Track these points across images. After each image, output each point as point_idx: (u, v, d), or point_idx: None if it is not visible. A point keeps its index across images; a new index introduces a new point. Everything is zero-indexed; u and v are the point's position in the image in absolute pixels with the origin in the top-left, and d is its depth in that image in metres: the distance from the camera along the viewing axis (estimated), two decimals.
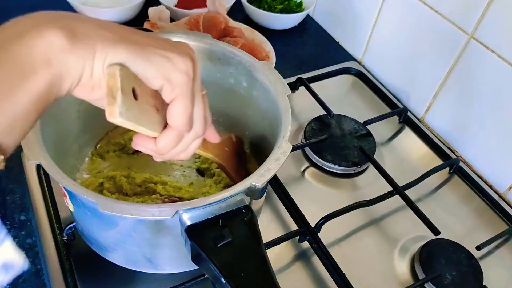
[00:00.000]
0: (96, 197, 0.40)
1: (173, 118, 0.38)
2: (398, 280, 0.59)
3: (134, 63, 0.34)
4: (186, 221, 0.41)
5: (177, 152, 0.41)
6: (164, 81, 0.36)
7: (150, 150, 0.40)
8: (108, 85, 0.33)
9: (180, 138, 0.40)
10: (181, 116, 0.38)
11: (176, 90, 0.36)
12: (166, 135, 0.39)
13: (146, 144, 0.40)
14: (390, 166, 0.70)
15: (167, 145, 0.39)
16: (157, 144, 0.39)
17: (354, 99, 0.86)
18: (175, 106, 0.37)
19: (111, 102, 0.33)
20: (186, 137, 0.40)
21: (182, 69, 0.36)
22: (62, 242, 0.56)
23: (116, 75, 0.33)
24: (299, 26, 1.01)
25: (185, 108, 0.37)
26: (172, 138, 0.39)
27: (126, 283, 0.54)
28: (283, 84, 0.54)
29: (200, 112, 0.40)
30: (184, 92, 0.37)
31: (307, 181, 0.70)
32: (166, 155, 0.41)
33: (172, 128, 0.39)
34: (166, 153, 0.41)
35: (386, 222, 0.65)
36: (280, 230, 0.62)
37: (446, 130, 0.79)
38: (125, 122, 0.35)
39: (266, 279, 0.40)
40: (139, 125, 0.37)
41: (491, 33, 0.67)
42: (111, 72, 0.33)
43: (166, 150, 0.40)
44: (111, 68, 0.33)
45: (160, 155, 0.41)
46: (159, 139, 0.39)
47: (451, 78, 0.75)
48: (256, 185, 0.43)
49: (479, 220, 0.68)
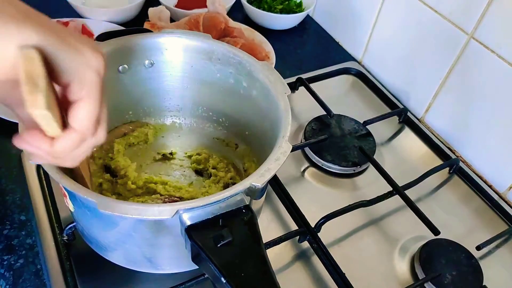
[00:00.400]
0: (96, 197, 0.40)
1: (78, 120, 0.34)
2: (398, 280, 0.59)
3: (49, 48, 0.30)
4: (186, 221, 0.41)
5: (70, 157, 0.37)
6: (75, 78, 0.32)
7: (41, 151, 0.35)
8: (26, 71, 0.29)
9: (80, 142, 0.35)
10: (87, 118, 0.34)
11: (85, 89, 0.33)
12: (68, 137, 0.34)
13: (39, 144, 0.34)
14: (390, 166, 0.70)
15: (66, 149, 0.35)
16: (55, 145, 0.34)
17: (354, 99, 0.86)
18: (82, 107, 0.33)
19: (33, 90, 0.29)
20: (88, 141, 0.36)
21: (94, 66, 0.33)
22: (62, 242, 0.56)
23: (34, 59, 0.29)
24: (299, 26, 1.01)
25: (92, 111, 0.34)
26: (74, 141, 0.34)
27: (126, 283, 0.54)
28: (283, 84, 0.55)
29: (105, 116, 0.37)
30: (93, 92, 0.33)
31: (307, 181, 0.70)
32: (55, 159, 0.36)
33: (75, 131, 0.34)
34: (61, 157, 0.36)
35: (386, 222, 0.65)
36: (280, 230, 0.62)
37: (446, 130, 0.79)
38: (46, 115, 0.30)
39: (266, 279, 0.40)
40: (54, 120, 0.32)
41: (491, 33, 0.67)
42: (28, 55, 0.29)
43: (63, 153, 0.35)
44: (26, 52, 0.29)
45: (52, 158, 0.36)
46: (58, 141, 0.34)
47: (451, 78, 0.75)
48: (256, 185, 0.43)
49: (479, 220, 0.68)
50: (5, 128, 0.67)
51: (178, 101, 0.66)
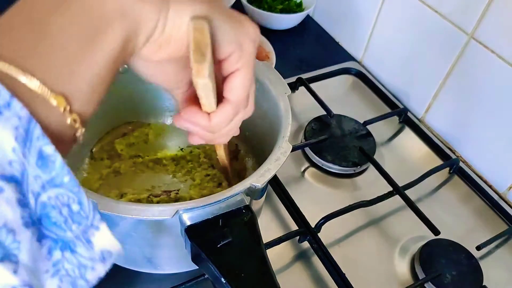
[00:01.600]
0: (96, 197, 0.40)
1: (235, 90, 0.34)
2: (398, 280, 0.59)
3: (215, 20, 0.31)
4: (186, 221, 0.41)
5: (225, 132, 0.38)
6: (237, 48, 0.32)
7: (200, 127, 0.36)
8: (195, 40, 0.29)
9: (235, 115, 0.36)
10: (243, 89, 0.34)
11: (243, 59, 0.33)
12: (224, 109, 0.35)
13: (198, 120, 0.35)
14: (390, 166, 0.70)
15: (222, 122, 0.36)
16: (212, 119, 0.35)
17: (354, 99, 0.86)
18: (238, 77, 0.34)
19: (200, 59, 0.30)
20: (240, 114, 0.37)
21: (251, 36, 0.33)
22: None
23: (204, 30, 0.30)
24: (299, 26, 1.01)
25: (248, 80, 0.34)
26: (230, 113, 0.35)
27: (126, 283, 0.54)
28: (283, 84, 0.54)
29: (253, 89, 0.37)
30: (249, 62, 0.34)
31: (307, 181, 0.70)
32: (213, 134, 0.37)
33: (231, 102, 0.35)
34: (217, 131, 0.37)
35: (386, 222, 0.65)
36: (280, 230, 0.62)
37: (446, 130, 0.79)
38: (208, 85, 0.32)
39: (266, 279, 0.40)
40: (213, 92, 0.33)
41: (491, 33, 0.67)
42: (198, 26, 0.29)
43: (220, 127, 0.36)
44: (197, 22, 0.30)
45: (210, 133, 0.37)
46: (215, 115, 0.35)
47: (451, 78, 0.75)
48: (256, 185, 0.43)
49: (479, 220, 0.68)
50: None
51: None
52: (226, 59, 0.33)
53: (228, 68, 0.34)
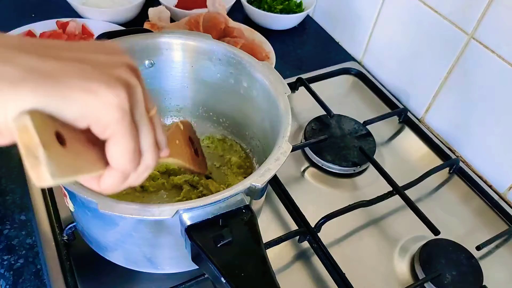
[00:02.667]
0: (96, 197, 0.40)
1: (113, 159, 0.31)
2: (398, 280, 0.59)
3: (46, 106, 0.27)
4: (186, 221, 0.41)
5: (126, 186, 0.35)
6: (91, 121, 0.29)
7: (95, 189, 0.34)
8: (23, 143, 0.26)
9: (124, 177, 0.33)
10: (121, 156, 0.31)
11: (109, 130, 0.29)
12: (110, 175, 0.32)
13: (90, 185, 0.33)
14: (390, 166, 0.70)
15: (112, 186, 0.33)
16: (101, 185, 0.33)
17: (354, 99, 0.86)
18: (112, 146, 0.30)
19: (34, 163, 0.26)
20: (135, 173, 0.34)
21: (112, 103, 0.29)
22: (62, 242, 0.56)
23: (29, 128, 0.26)
24: (299, 26, 1.01)
25: (125, 146, 0.31)
26: (116, 179, 0.33)
27: (126, 283, 0.54)
28: (283, 84, 0.55)
29: (149, 142, 0.33)
30: (119, 129, 0.30)
31: (307, 181, 0.70)
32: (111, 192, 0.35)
33: (114, 169, 0.32)
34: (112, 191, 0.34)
35: (386, 222, 0.65)
36: (280, 230, 0.62)
37: (446, 130, 0.79)
38: (61, 180, 0.27)
39: (266, 279, 0.40)
40: (78, 174, 0.29)
41: (491, 33, 0.67)
42: (21, 125, 0.26)
43: (111, 190, 0.34)
44: (19, 121, 0.26)
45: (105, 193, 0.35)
46: (102, 181, 0.33)
47: (451, 78, 0.75)
48: (256, 185, 0.43)
49: (479, 220, 0.68)
50: None
51: (178, 101, 0.66)
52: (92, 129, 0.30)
53: (100, 134, 0.30)
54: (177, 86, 0.64)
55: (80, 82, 0.28)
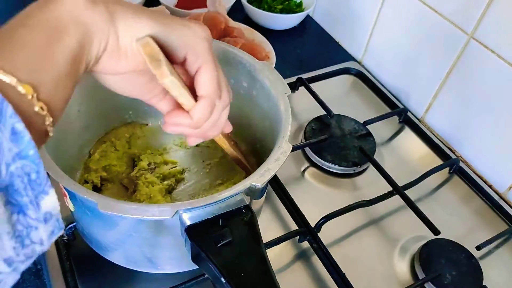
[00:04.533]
0: (96, 197, 0.40)
1: (204, 85, 0.38)
2: (398, 280, 0.59)
3: (160, 33, 0.35)
4: (186, 221, 0.41)
5: (210, 124, 0.41)
6: (189, 49, 0.36)
7: (186, 126, 0.40)
8: (146, 54, 0.34)
9: (212, 107, 0.39)
10: (210, 82, 0.38)
11: (201, 58, 0.37)
12: (200, 105, 0.38)
13: (181, 120, 0.39)
14: (390, 166, 0.70)
15: (203, 116, 0.39)
16: (193, 116, 0.39)
17: (354, 99, 0.86)
18: (203, 73, 0.37)
19: (157, 65, 0.34)
20: (217, 105, 0.40)
21: (202, 35, 0.37)
22: (62, 242, 0.56)
23: (149, 43, 0.34)
24: (299, 26, 1.01)
25: (212, 73, 0.38)
26: (207, 107, 0.39)
27: (126, 283, 0.54)
28: (283, 84, 0.55)
29: (223, 78, 0.40)
30: (208, 58, 0.37)
31: (307, 181, 0.70)
32: (201, 130, 0.41)
33: (204, 97, 0.38)
34: (201, 126, 0.40)
35: (386, 222, 0.65)
36: (280, 230, 0.62)
37: (446, 130, 0.79)
38: (174, 82, 0.35)
39: (266, 279, 0.40)
40: (184, 89, 0.37)
41: (491, 33, 0.67)
42: (144, 42, 0.34)
43: (202, 121, 0.39)
44: (141, 41, 0.34)
45: (196, 130, 0.40)
46: (194, 111, 0.39)
47: (451, 78, 0.75)
48: (256, 185, 0.43)
49: (479, 220, 0.68)
50: None
51: None
52: (185, 62, 0.37)
53: (190, 69, 0.38)
54: None
55: (180, 21, 0.37)
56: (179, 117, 0.39)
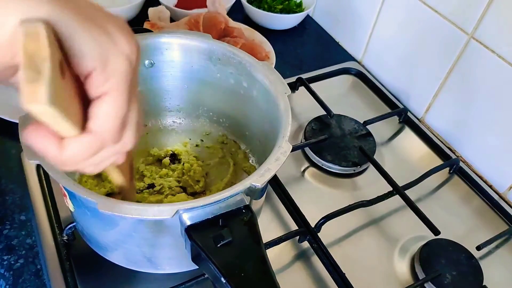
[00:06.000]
0: (96, 197, 0.40)
1: (99, 120, 0.27)
2: (398, 280, 0.59)
3: (65, 25, 0.24)
4: (186, 221, 0.41)
5: (88, 164, 0.30)
6: (98, 64, 0.26)
7: (49, 155, 0.27)
8: (27, 52, 0.22)
9: (98, 149, 0.28)
10: (108, 119, 0.27)
11: (111, 81, 0.27)
12: (82, 141, 0.27)
13: (45, 146, 0.27)
14: (390, 166, 0.70)
15: (77, 156, 0.27)
16: (63, 150, 0.27)
17: (354, 99, 0.86)
18: (105, 103, 0.27)
19: (34, 78, 0.22)
20: (109, 148, 0.29)
21: (124, 52, 0.27)
22: (62, 242, 0.56)
23: (40, 37, 0.22)
24: (299, 26, 1.01)
25: (118, 108, 0.27)
26: (88, 147, 0.27)
27: (126, 283, 0.54)
28: (283, 84, 0.54)
29: (134, 118, 0.30)
30: (120, 85, 0.27)
31: (307, 181, 0.70)
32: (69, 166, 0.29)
33: (92, 134, 0.27)
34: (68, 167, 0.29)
35: (386, 222, 0.65)
36: (280, 230, 0.62)
37: (446, 130, 0.79)
38: (50, 112, 0.23)
39: (266, 279, 0.40)
40: (64, 119, 0.25)
41: (491, 33, 0.67)
42: (31, 31, 0.22)
43: (75, 161, 0.28)
44: (29, 26, 0.22)
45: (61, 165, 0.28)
46: (69, 145, 0.27)
47: (451, 78, 0.75)
48: (256, 185, 0.43)
49: (479, 220, 0.68)
50: (5, 128, 0.67)
51: (178, 101, 0.66)
52: (88, 78, 0.27)
53: (91, 90, 0.27)
54: (177, 86, 0.64)
55: (100, 19, 0.26)
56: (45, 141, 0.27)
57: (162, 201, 0.57)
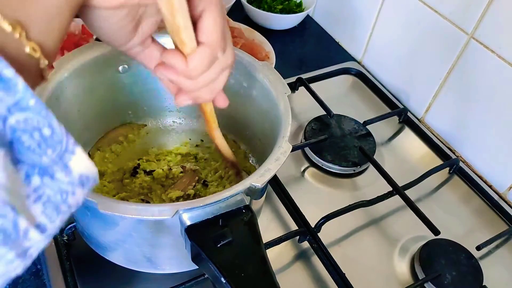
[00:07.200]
0: (96, 197, 0.40)
1: (206, 31, 0.33)
2: (398, 280, 0.59)
3: None
4: (186, 221, 0.41)
5: (206, 81, 0.36)
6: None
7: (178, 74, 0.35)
8: None
9: (213, 60, 0.35)
10: (214, 29, 0.33)
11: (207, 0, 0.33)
12: (200, 51, 0.34)
13: (176, 61, 0.34)
14: (390, 166, 0.70)
15: (200, 65, 0.34)
16: (189, 62, 0.34)
17: (354, 99, 0.86)
18: (208, 18, 0.33)
19: None
20: (218, 60, 0.36)
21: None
22: (62, 242, 0.56)
23: None
24: (299, 26, 1.01)
25: (219, 20, 0.34)
26: (207, 56, 0.34)
27: (126, 283, 0.54)
28: (283, 84, 0.55)
29: (228, 31, 0.36)
30: (217, 2, 0.33)
31: (307, 181, 0.70)
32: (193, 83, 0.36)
33: (205, 45, 0.34)
34: (196, 78, 0.35)
35: (386, 222, 0.65)
36: (280, 230, 0.62)
37: (446, 130, 0.79)
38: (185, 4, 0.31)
39: (266, 279, 0.40)
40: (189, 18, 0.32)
41: (491, 33, 0.67)
42: None
43: (198, 71, 0.35)
44: None
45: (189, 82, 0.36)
46: (192, 57, 0.34)
47: (451, 78, 0.75)
48: (256, 185, 0.43)
49: (479, 220, 0.68)
50: None
51: None
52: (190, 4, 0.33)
53: (196, 8, 0.33)
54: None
55: None
56: (176, 58, 0.34)
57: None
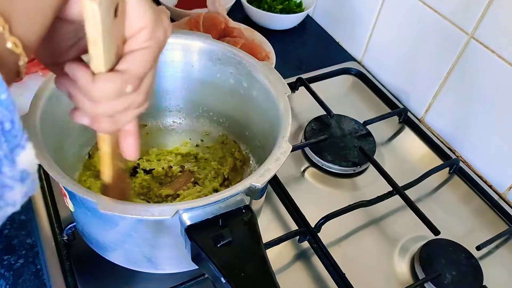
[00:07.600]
0: (96, 197, 0.40)
1: (131, 61, 0.32)
2: (398, 280, 0.59)
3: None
4: (186, 221, 0.41)
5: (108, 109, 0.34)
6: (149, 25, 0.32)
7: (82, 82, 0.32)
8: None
9: (123, 87, 0.33)
10: (140, 63, 0.33)
11: (151, 41, 0.33)
12: (112, 77, 0.32)
13: (79, 75, 0.32)
14: (390, 166, 0.70)
15: (106, 91, 0.32)
16: (95, 82, 0.31)
17: (354, 99, 0.86)
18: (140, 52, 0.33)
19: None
20: (129, 95, 0.34)
21: (165, 28, 0.34)
22: (62, 242, 0.56)
23: None
24: (299, 26, 1.01)
25: (150, 60, 0.33)
26: (116, 84, 0.32)
27: (126, 283, 0.54)
28: (283, 84, 0.55)
29: (151, 80, 0.35)
30: (155, 48, 0.33)
31: (307, 181, 0.70)
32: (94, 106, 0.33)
33: (121, 73, 0.32)
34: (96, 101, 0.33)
35: (386, 222, 0.65)
36: (280, 230, 0.62)
37: (446, 130, 0.79)
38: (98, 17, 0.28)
39: (266, 279, 0.40)
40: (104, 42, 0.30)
41: (491, 33, 0.67)
42: None
43: (100, 95, 0.32)
44: None
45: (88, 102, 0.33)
46: (100, 78, 0.31)
47: (451, 78, 0.75)
48: (256, 185, 0.43)
49: (479, 220, 0.68)
50: None
51: (178, 101, 0.66)
52: (133, 37, 0.33)
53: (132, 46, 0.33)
54: (177, 86, 0.64)
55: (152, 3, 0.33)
56: (80, 71, 0.32)
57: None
